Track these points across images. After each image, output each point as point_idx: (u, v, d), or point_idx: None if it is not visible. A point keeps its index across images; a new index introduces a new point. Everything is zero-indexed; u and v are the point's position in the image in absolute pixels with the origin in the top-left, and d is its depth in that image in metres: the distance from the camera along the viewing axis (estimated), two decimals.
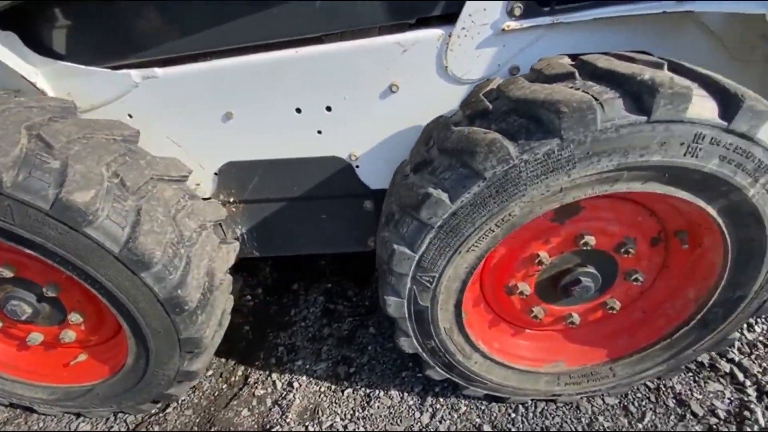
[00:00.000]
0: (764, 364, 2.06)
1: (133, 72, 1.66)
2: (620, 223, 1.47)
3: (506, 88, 1.28)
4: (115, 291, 1.49)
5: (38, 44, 1.59)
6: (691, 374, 2.05)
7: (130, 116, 1.76)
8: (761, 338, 2.20)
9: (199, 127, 1.77)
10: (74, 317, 1.74)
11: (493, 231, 1.31)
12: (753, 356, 2.11)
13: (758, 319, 2.28)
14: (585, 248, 1.46)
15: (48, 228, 1.34)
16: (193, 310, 1.59)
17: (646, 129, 1.09)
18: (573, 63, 1.28)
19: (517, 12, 1.46)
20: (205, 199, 1.93)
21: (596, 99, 1.10)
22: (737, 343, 2.16)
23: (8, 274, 1.62)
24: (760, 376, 2.00)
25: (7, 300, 1.69)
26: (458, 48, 1.55)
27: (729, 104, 1.08)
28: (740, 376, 2.00)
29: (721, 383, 2.00)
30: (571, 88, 1.16)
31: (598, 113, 1.08)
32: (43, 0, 1.50)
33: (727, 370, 2.03)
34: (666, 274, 1.63)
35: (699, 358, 2.10)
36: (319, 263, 2.87)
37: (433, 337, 1.61)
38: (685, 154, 1.12)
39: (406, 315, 1.55)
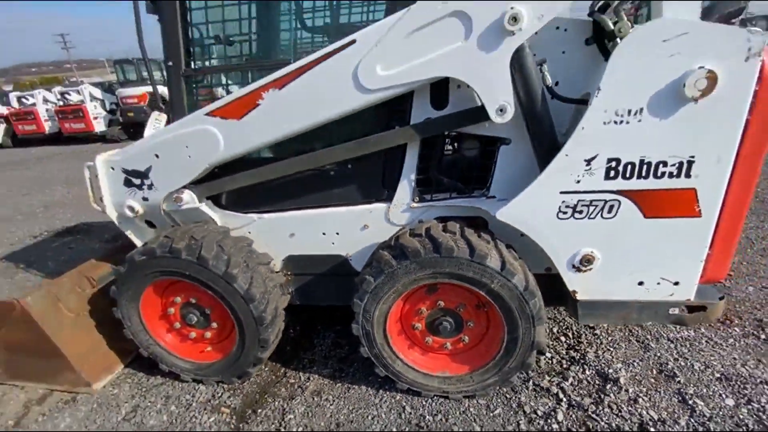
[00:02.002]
0: (581, 391, 3.45)
1: (254, 215, 3.79)
2: (458, 296, 3.18)
3: (399, 234, 3.16)
4: (237, 311, 3.44)
5: (216, 202, 3.80)
6: (534, 392, 3.49)
7: (249, 233, 3.87)
8: (588, 377, 3.59)
9: (278, 240, 3.81)
10: (214, 324, 3.71)
11: (392, 296, 3.09)
12: (579, 386, 3.51)
13: (588, 364, 3.68)
14: (440, 306, 3.18)
15: (207, 276, 3.36)
16: (267, 323, 3.48)
17: (442, 260, 2.88)
18: (427, 226, 3.12)
19: (416, 201, 3.38)
20: (277, 272, 3.93)
21: (423, 247, 2.93)
22: (571, 378, 3.57)
23: (179, 300, 3.67)
24: (573, 396, 3.40)
25: (186, 313, 3.72)
26: (394, 212, 3.48)
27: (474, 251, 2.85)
28: (561, 395, 3.41)
29: (549, 398, 3.42)
30: (415, 239, 2.99)
31: (422, 253, 2.90)
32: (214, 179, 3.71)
33: (555, 392, 3.45)
34: (492, 324, 3.25)
35: (541, 384, 3.54)
36: (334, 313, 4.70)
37: (374, 347, 3.33)
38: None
39: (361, 334, 3.31)
